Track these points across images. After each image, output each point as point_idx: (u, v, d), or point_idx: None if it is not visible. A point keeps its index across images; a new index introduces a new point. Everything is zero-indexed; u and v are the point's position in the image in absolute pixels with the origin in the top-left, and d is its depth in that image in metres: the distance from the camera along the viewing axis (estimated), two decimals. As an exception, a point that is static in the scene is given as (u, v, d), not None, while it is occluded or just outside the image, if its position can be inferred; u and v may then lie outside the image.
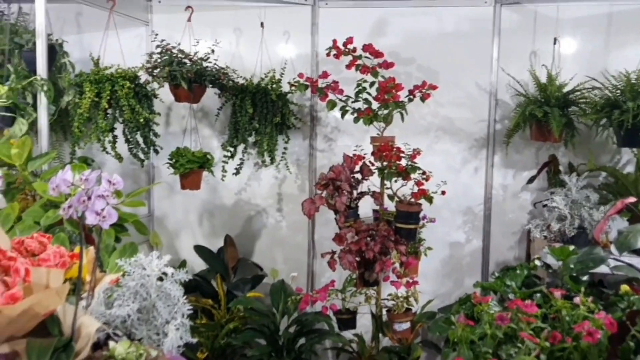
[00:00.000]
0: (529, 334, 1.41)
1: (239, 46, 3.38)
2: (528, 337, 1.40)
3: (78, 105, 2.58)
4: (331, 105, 2.94)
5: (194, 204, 3.56)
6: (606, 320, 1.46)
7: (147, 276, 1.58)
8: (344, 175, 2.89)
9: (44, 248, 1.57)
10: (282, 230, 3.50)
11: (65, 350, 1.34)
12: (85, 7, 3.16)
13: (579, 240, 2.80)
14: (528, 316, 1.50)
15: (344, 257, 2.81)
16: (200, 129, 3.48)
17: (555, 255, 2.00)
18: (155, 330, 1.54)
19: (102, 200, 1.39)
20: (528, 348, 1.40)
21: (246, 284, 3.25)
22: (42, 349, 1.25)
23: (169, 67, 2.76)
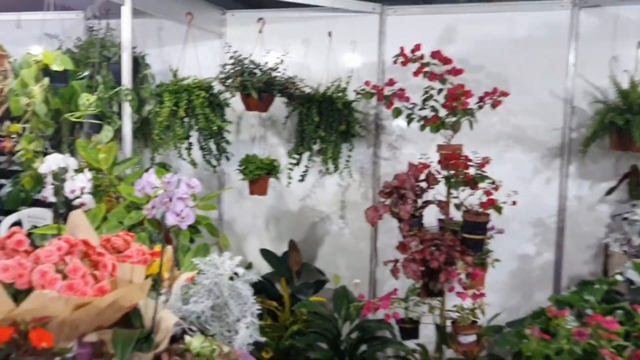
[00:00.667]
0: (611, 352, 1.37)
1: (307, 56, 3.46)
2: (610, 355, 1.36)
3: (158, 114, 2.73)
4: (397, 113, 2.95)
5: (261, 209, 3.66)
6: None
7: (220, 275, 1.66)
8: (408, 183, 2.89)
9: (128, 246, 1.68)
10: (345, 237, 3.54)
11: (147, 341, 1.43)
12: (165, 22, 3.35)
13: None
14: (609, 333, 1.45)
15: (408, 266, 2.80)
16: (268, 137, 3.59)
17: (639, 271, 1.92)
18: (227, 327, 1.61)
19: (182, 202, 1.48)
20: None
21: (309, 288, 3.31)
22: (127, 339, 1.35)
23: (241, 78, 2.88)
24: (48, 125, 2.24)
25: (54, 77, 2.20)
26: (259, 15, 3.38)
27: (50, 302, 1.23)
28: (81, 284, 1.34)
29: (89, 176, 1.97)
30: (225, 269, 1.66)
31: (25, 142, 2.16)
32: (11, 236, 1.41)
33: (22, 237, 1.40)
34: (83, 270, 1.37)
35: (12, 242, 1.39)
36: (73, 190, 1.88)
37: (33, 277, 1.31)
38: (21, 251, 1.39)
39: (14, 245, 1.38)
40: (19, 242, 1.39)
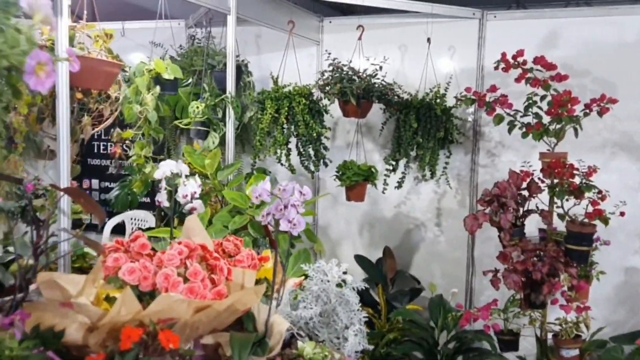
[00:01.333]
0: None
1: (403, 62, 3.45)
2: None
3: (259, 120, 2.83)
4: (498, 119, 2.87)
5: (355, 215, 3.69)
6: None
7: (328, 282, 1.70)
8: (509, 191, 2.80)
9: (238, 250, 1.76)
10: (441, 245, 3.49)
11: (261, 345, 1.49)
12: (263, 29, 3.47)
13: None
14: None
15: (509, 277, 2.71)
16: (363, 143, 3.61)
17: None
18: (335, 334, 1.65)
19: (294, 209, 1.53)
20: None
21: (404, 296, 3.29)
22: (244, 342, 1.41)
23: (340, 84, 2.91)
24: (158, 132, 2.39)
25: (164, 85, 2.35)
26: (356, 22, 3.41)
27: (175, 304, 1.31)
28: (201, 287, 1.43)
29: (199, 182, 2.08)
30: (334, 276, 1.70)
31: (138, 147, 2.32)
32: (135, 240, 1.53)
33: (146, 241, 1.51)
34: (203, 274, 1.45)
35: (137, 245, 1.50)
36: (185, 195, 2.00)
37: (157, 279, 1.41)
38: (144, 254, 1.49)
39: (138, 248, 1.49)
40: (142, 245, 1.50)
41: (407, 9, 3.16)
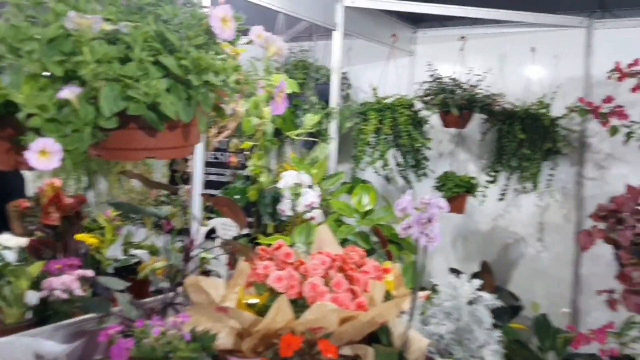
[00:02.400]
0: None
1: (503, 72, 3.35)
2: None
3: (362, 131, 2.83)
4: (614, 131, 2.74)
5: (449, 227, 3.61)
6: None
7: (460, 298, 1.66)
8: (627, 207, 2.66)
9: (363, 261, 1.75)
10: (543, 261, 3.34)
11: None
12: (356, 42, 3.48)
13: None
14: None
15: (629, 298, 2.57)
16: (457, 153, 3.54)
17: None
18: (470, 352, 1.60)
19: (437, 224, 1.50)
20: None
21: (505, 314, 3.16)
22: (389, 356, 1.39)
23: (442, 95, 2.87)
24: (274, 143, 2.44)
25: (282, 99, 2.39)
26: (452, 33, 3.37)
27: (329, 313, 1.31)
28: (345, 298, 1.42)
29: (319, 192, 2.10)
30: (465, 291, 1.65)
31: (256, 158, 2.37)
32: (279, 248, 1.55)
33: (290, 250, 1.53)
34: (346, 284, 1.45)
35: (282, 254, 1.52)
36: (307, 205, 2.02)
37: (304, 288, 1.41)
38: (289, 263, 1.51)
39: (283, 257, 1.51)
40: (287, 254, 1.52)
41: (511, 19, 3.07)
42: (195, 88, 0.95)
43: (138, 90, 0.88)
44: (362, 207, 2.56)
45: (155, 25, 0.90)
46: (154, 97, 0.89)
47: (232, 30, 0.99)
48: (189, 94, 0.95)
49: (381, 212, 2.55)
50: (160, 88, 0.89)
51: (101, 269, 1.89)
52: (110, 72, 0.88)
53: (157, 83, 0.89)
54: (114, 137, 0.93)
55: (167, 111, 0.92)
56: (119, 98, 0.90)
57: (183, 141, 1.01)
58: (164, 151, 0.98)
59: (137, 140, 0.95)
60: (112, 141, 0.93)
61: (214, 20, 0.97)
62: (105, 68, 0.88)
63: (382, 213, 2.55)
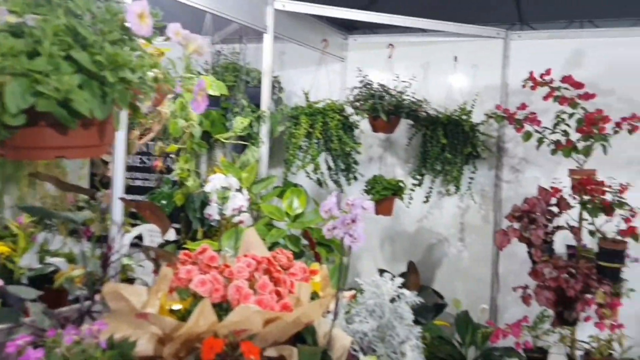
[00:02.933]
0: None
1: (427, 79, 3.48)
2: None
3: (293, 135, 2.85)
4: (527, 136, 2.91)
5: (376, 229, 3.69)
6: None
7: (382, 296, 1.70)
8: (539, 207, 2.82)
9: (291, 263, 1.76)
10: (464, 260, 3.49)
11: (324, 358, 1.48)
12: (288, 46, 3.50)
13: None
14: None
15: (541, 293, 2.73)
16: (385, 157, 3.63)
17: None
18: (392, 348, 1.64)
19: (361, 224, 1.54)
20: None
21: (429, 312, 3.27)
22: (312, 356, 1.41)
23: (371, 100, 2.94)
24: (202, 146, 2.41)
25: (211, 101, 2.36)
26: (381, 40, 3.46)
27: (252, 315, 1.31)
28: (270, 299, 1.42)
29: (247, 195, 2.09)
30: (388, 290, 1.70)
31: (183, 161, 2.33)
32: (203, 252, 1.52)
33: (214, 254, 1.51)
34: (271, 286, 1.45)
35: (205, 258, 1.50)
36: (235, 208, 2.01)
37: (228, 291, 1.40)
38: (213, 266, 1.49)
39: (207, 260, 1.49)
40: (211, 258, 1.50)
41: (434, 29, 3.20)
42: (111, 85, 0.92)
43: (48, 85, 0.85)
44: (292, 211, 2.57)
45: (66, 19, 0.86)
46: (65, 93, 0.85)
47: (149, 26, 0.97)
48: (104, 91, 0.92)
49: (311, 215, 2.57)
50: (72, 84, 0.86)
51: (14, 279, 1.79)
52: (17, 67, 0.84)
53: (68, 79, 0.86)
54: (21, 135, 0.88)
55: (81, 108, 0.88)
56: (27, 94, 0.86)
57: (97, 140, 0.98)
58: (76, 150, 0.94)
59: (46, 139, 0.91)
60: (19, 139, 0.89)
61: (130, 15, 0.94)
62: (11, 62, 0.84)
63: (312, 216, 2.57)
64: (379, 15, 3.09)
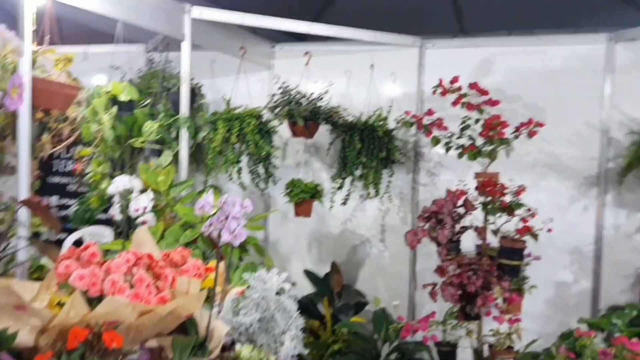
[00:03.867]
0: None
1: (349, 86, 3.63)
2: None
3: (212, 140, 2.95)
4: (435, 141, 3.08)
5: (304, 231, 3.82)
6: None
7: (267, 290, 1.82)
8: (446, 208, 2.99)
9: (185, 261, 1.87)
10: (385, 260, 3.65)
11: (201, 348, 1.59)
12: (219, 55, 3.60)
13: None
14: (634, 354, 1.53)
15: (446, 290, 2.89)
16: (312, 162, 3.77)
17: None
18: (273, 338, 1.76)
19: (235, 221, 1.65)
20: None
21: (350, 309, 3.43)
22: (184, 345, 1.51)
23: (288, 107, 3.07)
24: (115, 150, 2.48)
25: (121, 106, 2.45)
26: (305, 49, 3.59)
27: (120, 307, 1.41)
28: (145, 293, 1.52)
29: (151, 196, 2.18)
30: (273, 284, 1.82)
31: (95, 165, 2.40)
32: (86, 249, 1.61)
33: (96, 250, 1.60)
34: (147, 280, 1.55)
35: (87, 254, 1.59)
36: (137, 209, 2.10)
37: (104, 285, 1.50)
38: (94, 262, 1.58)
39: (89, 257, 1.58)
40: (93, 254, 1.59)
41: (351, 37, 3.35)
42: None
43: None
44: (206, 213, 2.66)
45: None
46: None
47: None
48: None
49: (223, 217, 2.67)
50: None
51: None
52: None
53: None
54: None
55: None
56: None
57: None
58: None
59: None
60: None
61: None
62: None
63: (223, 217, 2.67)
64: (295, 23, 3.22)
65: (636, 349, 1.51)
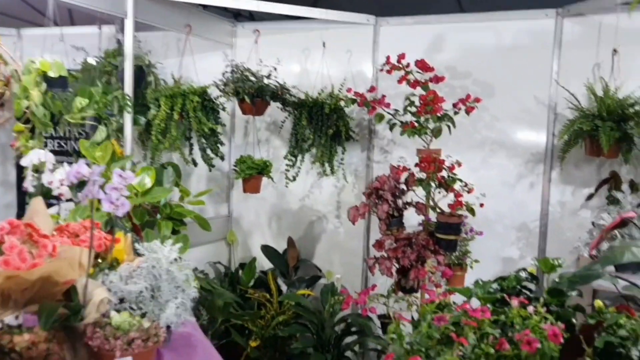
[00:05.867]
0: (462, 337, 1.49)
1: (306, 64, 3.66)
2: (455, 337, 1.48)
3: (155, 117, 3.03)
4: (379, 118, 3.10)
5: (265, 208, 3.90)
6: (550, 331, 1.48)
7: (158, 260, 1.90)
8: (388, 185, 3.02)
9: (85, 231, 1.96)
10: (340, 235, 3.71)
11: (77, 313, 1.69)
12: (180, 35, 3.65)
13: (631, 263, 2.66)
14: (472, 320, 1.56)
15: (383, 263, 2.95)
16: (272, 140, 3.82)
17: (541, 267, 1.99)
18: (159, 306, 1.84)
19: (116, 191, 1.73)
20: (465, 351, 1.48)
21: (302, 283, 3.50)
22: (51, 310, 1.60)
23: (234, 84, 3.12)
24: (47, 126, 2.58)
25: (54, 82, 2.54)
26: (262, 27, 3.63)
27: (-17, 272, 1.50)
28: (16, 260, 1.62)
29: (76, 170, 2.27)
30: (164, 254, 1.89)
31: (24, 139, 2.51)
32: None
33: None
34: (19, 248, 1.65)
35: (-32, 223, 1.69)
36: (50, 182, 2.20)
37: (-25, 253, 1.60)
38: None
39: (-31, 226, 1.68)
40: (-28, 224, 1.69)
41: (304, 15, 3.36)
42: None
43: None
44: (141, 187, 2.76)
45: None
46: None
47: None
48: None
49: (159, 191, 2.76)
50: None
51: None
52: None
53: None
54: None
55: None
56: None
57: None
58: None
59: None
60: None
61: None
62: None
63: (159, 192, 2.76)
64: (248, 2, 3.25)
65: (476, 315, 1.55)
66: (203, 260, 3.66)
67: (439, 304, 1.76)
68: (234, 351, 3.27)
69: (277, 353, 3.27)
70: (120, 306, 1.84)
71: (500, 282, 1.99)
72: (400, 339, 1.57)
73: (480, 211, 2.91)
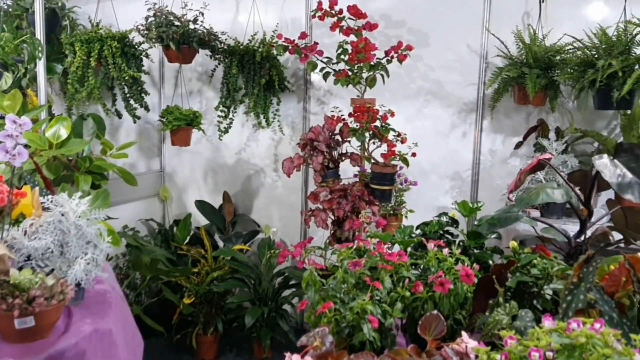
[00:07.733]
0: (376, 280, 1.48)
1: (238, 10, 3.50)
2: (368, 281, 1.46)
3: (71, 64, 2.83)
4: (311, 66, 3.00)
5: (199, 162, 3.78)
6: (463, 272, 1.48)
7: (64, 214, 1.78)
8: (322, 136, 2.96)
9: (-16, 187, 1.81)
10: (278, 189, 3.64)
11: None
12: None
13: (554, 207, 2.73)
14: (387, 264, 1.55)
15: (318, 215, 2.91)
16: (204, 91, 3.67)
17: (461, 210, 2.00)
18: (67, 263, 1.74)
19: (11, 139, 1.60)
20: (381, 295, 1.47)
21: (240, 238, 3.44)
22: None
23: (157, 30, 2.93)
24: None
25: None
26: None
27: None
28: None
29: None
30: (71, 207, 1.78)
31: None
32: None
33: None
34: None
35: None
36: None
37: None
38: None
39: None
40: None
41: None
42: None
43: None
44: (55, 139, 2.59)
45: None
46: None
47: None
48: None
49: (75, 144, 2.61)
50: None
51: None
52: None
53: None
54: None
55: None
56: None
57: None
58: None
59: None
60: None
61: None
62: None
63: (76, 144, 2.60)
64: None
65: (391, 258, 1.53)
66: (134, 217, 3.53)
67: (358, 249, 1.73)
68: (167, 308, 3.21)
69: (213, 309, 3.22)
70: (26, 264, 1.74)
71: (423, 227, 1.98)
72: (315, 286, 1.54)
73: (415, 161, 2.91)
